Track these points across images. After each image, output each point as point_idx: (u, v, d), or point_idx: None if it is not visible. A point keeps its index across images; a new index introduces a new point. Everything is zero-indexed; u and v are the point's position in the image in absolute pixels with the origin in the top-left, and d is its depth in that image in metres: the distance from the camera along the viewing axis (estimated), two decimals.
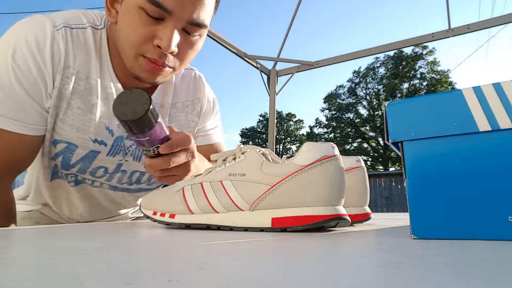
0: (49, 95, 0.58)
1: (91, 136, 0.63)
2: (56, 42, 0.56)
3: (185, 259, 0.22)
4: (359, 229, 0.44)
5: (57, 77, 0.57)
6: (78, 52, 0.59)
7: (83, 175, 0.69)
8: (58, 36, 0.56)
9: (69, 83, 0.59)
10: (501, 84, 0.29)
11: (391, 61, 20.12)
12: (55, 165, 0.68)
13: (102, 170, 0.69)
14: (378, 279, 0.16)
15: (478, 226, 0.28)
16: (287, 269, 0.18)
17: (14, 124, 0.56)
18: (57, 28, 0.57)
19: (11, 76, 0.54)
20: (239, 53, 3.09)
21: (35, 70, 0.55)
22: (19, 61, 0.54)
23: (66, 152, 0.64)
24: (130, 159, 0.71)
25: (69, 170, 0.68)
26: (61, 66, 0.57)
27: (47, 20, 0.56)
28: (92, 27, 0.61)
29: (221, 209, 0.42)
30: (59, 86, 0.58)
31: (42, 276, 0.17)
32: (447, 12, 2.70)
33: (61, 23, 0.58)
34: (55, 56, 0.56)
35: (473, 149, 0.29)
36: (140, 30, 0.54)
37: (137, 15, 0.54)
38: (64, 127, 0.61)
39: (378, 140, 19.94)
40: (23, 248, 0.27)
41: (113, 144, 0.67)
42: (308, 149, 0.39)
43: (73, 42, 0.58)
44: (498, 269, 0.18)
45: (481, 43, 33.31)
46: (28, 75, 0.55)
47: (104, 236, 0.35)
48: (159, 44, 0.54)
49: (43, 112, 0.59)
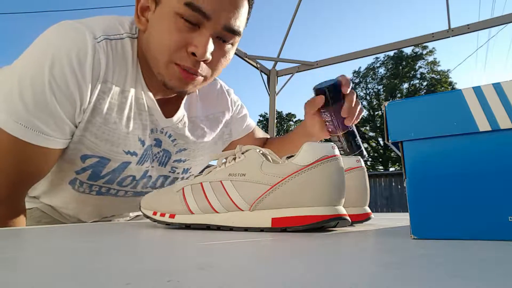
0: (83, 110, 0.56)
1: (124, 149, 0.63)
2: (97, 57, 0.54)
3: (185, 259, 0.22)
4: (359, 229, 0.44)
5: (94, 93, 0.56)
6: (117, 65, 0.57)
7: (110, 185, 0.69)
8: (100, 50, 0.54)
9: (105, 98, 0.57)
10: (501, 84, 0.29)
11: (391, 61, 20.12)
12: (75, 178, 0.66)
13: (130, 179, 0.69)
14: (378, 279, 0.16)
15: (478, 226, 0.28)
16: (287, 269, 0.18)
17: (38, 136, 0.53)
18: (97, 40, 0.54)
19: (46, 88, 0.51)
20: (239, 53, 3.08)
21: (73, 85, 0.53)
22: (57, 75, 0.51)
23: (98, 166, 0.63)
24: (156, 165, 0.71)
25: (96, 182, 0.67)
26: (100, 81, 0.55)
27: (87, 31, 0.54)
28: (129, 36, 0.60)
29: (221, 209, 0.42)
30: (94, 102, 0.56)
31: (42, 276, 0.17)
32: (447, 12, 2.70)
33: (101, 35, 0.55)
34: (95, 71, 0.54)
35: (473, 149, 0.30)
36: (175, 36, 0.54)
37: (173, 21, 0.54)
38: (97, 142, 0.60)
39: (378, 140, 19.94)
40: (23, 248, 0.27)
41: (143, 154, 0.66)
42: (308, 149, 0.39)
43: (113, 55, 0.57)
44: (498, 269, 0.18)
45: (481, 43, 33.33)
46: (65, 89, 0.52)
47: (104, 236, 0.35)
48: (194, 51, 0.54)
49: (71, 126, 0.56)
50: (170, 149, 0.72)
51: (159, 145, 0.69)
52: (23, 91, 0.51)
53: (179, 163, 0.75)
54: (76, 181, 0.67)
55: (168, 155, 0.72)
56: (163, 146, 0.70)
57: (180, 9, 0.53)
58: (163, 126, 0.67)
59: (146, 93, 0.63)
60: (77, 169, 0.64)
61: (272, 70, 3.46)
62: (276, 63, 3.46)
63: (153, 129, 0.66)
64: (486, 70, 36.08)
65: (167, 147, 0.71)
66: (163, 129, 0.68)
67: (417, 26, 34.03)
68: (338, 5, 40.04)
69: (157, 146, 0.69)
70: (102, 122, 0.59)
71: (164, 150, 0.71)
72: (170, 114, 0.68)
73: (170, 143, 0.71)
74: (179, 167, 0.76)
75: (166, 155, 0.72)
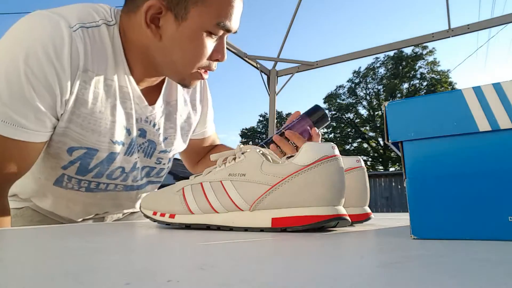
0: (65, 102, 0.55)
1: (112, 138, 0.62)
2: (75, 46, 0.53)
3: (185, 259, 0.22)
4: (359, 229, 0.44)
5: (75, 83, 0.55)
6: (96, 53, 0.57)
7: (99, 179, 0.68)
8: (77, 38, 0.53)
9: (88, 88, 0.56)
10: (501, 84, 0.29)
11: (391, 61, 20.11)
12: (63, 174, 0.65)
13: (120, 171, 0.69)
14: (378, 279, 0.16)
15: (478, 226, 0.28)
16: (287, 269, 0.18)
17: (18, 130, 0.52)
18: (73, 29, 0.53)
19: (22, 80, 0.50)
20: (239, 53, 3.09)
21: (51, 76, 0.51)
22: (34, 66, 0.50)
23: (85, 158, 0.63)
24: (141, 155, 0.71)
25: (85, 176, 0.66)
26: (79, 71, 0.54)
27: (61, 20, 0.52)
28: (105, 24, 0.59)
29: (221, 209, 0.42)
30: (76, 92, 0.55)
31: (41, 276, 0.17)
32: (447, 12, 2.70)
33: (76, 23, 0.54)
34: (74, 61, 0.53)
35: (473, 149, 0.30)
36: (206, 51, 0.60)
37: (202, 39, 0.58)
38: (83, 133, 0.59)
39: (378, 140, 19.94)
40: (21, 249, 0.27)
41: (130, 143, 0.66)
42: (308, 149, 0.39)
43: (91, 43, 0.55)
44: (498, 269, 0.18)
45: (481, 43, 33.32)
46: (44, 81, 0.51)
47: (104, 236, 0.35)
48: (219, 58, 0.62)
49: (52, 119, 0.55)
50: (155, 139, 0.71)
51: (143, 135, 0.69)
52: None
53: (165, 153, 0.75)
54: (63, 178, 0.66)
55: (153, 146, 0.72)
56: (148, 137, 0.70)
57: (210, 28, 0.58)
58: (147, 115, 0.67)
59: (130, 81, 0.63)
60: (65, 164, 0.63)
61: (272, 70, 3.46)
62: (276, 63, 3.46)
63: (138, 119, 0.66)
64: (486, 70, 36.09)
65: (152, 137, 0.71)
66: (147, 117, 0.68)
67: (417, 26, 34.04)
68: (338, 5, 40.05)
69: (142, 137, 0.69)
70: (88, 113, 0.58)
71: (149, 140, 0.71)
72: (153, 101, 0.68)
73: (155, 133, 0.71)
74: (164, 158, 0.76)
75: (151, 146, 0.72)
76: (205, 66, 0.62)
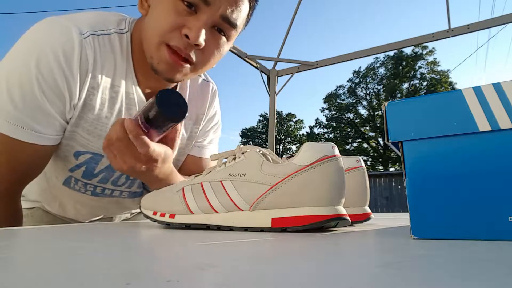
0: (73, 106, 0.56)
1: None
2: (84, 52, 0.54)
3: (185, 259, 0.22)
4: (359, 229, 0.44)
5: (84, 88, 0.55)
6: (105, 60, 0.57)
7: (104, 184, 0.68)
8: (86, 46, 0.54)
9: (96, 94, 0.57)
10: (501, 84, 0.29)
11: (391, 61, 20.12)
12: (70, 176, 0.66)
13: (125, 177, 0.69)
14: (378, 279, 0.16)
15: (478, 226, 0.28)
16: (287, 269, 0.18)
17: (30, 134, 0.53)
18: (84, 36, 0.54)
19: (34, 85, 0.51)
20: (239, 53, 3.09)
21: (61, 81, 0.52)
22: (45, 72, 0.51)
23: (91, 163, 0.63)
24: None
25: (91, 180, 0.67)
26: (88, 77, 0.55)
27: (73, 27, 0.53)
28: (117, 32, 0.60)
29: (221, 209, 0.42)
30: (84, 97, 0.56)
31: (42, 276, 0.17)
32: (447, 12, 2.70)
33: (87, 31, 0.55)
34: (83, 67, 0.54)
35: (473, 149, 0.29)
36: (172, 18, 0.54)
37: (172, 4, 0.54)
38: (90, 138, 0.60)
39: (378, 140, 19.94)
40: (23, 248, 0.27)
41: None
42: (308, 149, 0.39)
43: (100, 51, 0.56)
44: (498, 269, 0.18)
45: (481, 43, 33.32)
46: (53, 85, 0.52)
47: (104, 236, 0.35)
48: (187, 34, 0.54)
49: (62, 122, 0.57)
50: None
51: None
52: (11, 89, 0.51)
53: None
54: (71, 179, 0.67)
55: None
56: None
57: None
58: None
59: (136, 88, 0.63)
60: (71, 167, 0.64)
61: (272, 70, 3.46)
62: (276, 63, 3.46)
63: None
64: (486, 70, 36.08)
65: None
66: None
67: (417, 26, 34.05)
68: (338, 5, 40.06)
69: None
70: (94, 118, 0.59)
71: None
72: None
73: None
74: None
75: None
76: (172, 39, 0.54)
